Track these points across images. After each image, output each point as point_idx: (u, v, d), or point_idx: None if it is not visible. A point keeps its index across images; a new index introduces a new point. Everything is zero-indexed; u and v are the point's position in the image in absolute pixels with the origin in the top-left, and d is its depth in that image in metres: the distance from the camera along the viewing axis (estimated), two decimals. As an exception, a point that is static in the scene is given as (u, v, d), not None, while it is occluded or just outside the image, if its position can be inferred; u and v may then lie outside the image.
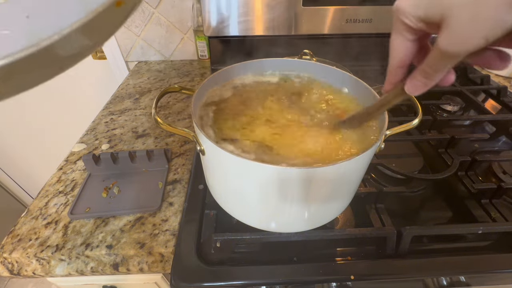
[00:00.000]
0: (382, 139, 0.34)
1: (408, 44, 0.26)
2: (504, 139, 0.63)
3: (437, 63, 0.24)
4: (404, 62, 0.27)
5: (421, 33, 0.25)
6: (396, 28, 0.25)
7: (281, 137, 0.38)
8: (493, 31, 0.19)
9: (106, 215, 0.48)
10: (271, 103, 0.44)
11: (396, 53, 0.27)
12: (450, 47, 0.21)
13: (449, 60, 0.23)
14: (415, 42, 0.26)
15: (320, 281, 0.40)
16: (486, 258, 0.41)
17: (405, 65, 0.28)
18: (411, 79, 0.27)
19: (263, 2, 0.75)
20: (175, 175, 0.55)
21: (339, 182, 0.34)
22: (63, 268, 0.43)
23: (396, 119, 0.63)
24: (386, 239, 0.41)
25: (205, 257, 0.41)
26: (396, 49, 0.27)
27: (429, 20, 0.22)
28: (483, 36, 0.20)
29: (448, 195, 0.51)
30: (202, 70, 0.95)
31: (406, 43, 0.26)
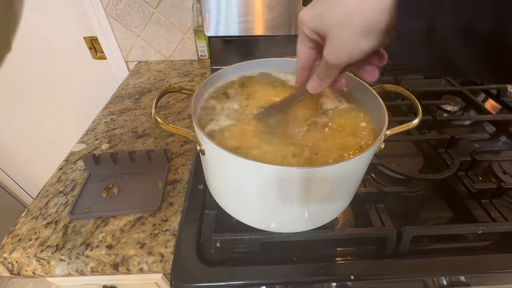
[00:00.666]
0: (382, 139, 0.34)
1: (309, 51, 0.31)
2: (504, 139, 0.63)
3: (325, 70, 0.29)
4: (306, 65, 0.32)
5: (318, 43, 0.29)
6: (300, 36, 0.30)
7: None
8: (354, 51, 0.25)
9: (106, 215, 0.48)
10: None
11: (300, 57, 0.32)
12: (329, 58, 0.27)
13: (332, 68, 0.28)
14: (314, 50, 0.31)
15: (320, 281, 0.40)
16: (486, 258, 0.41)
17: (307, 67, 0.33)
18: (310, 81, 0.32)
19: (263, 2, 0.75)
20: (175, 175, 0.55)
21: (339, 182, 0.34)
22: (63, 268, 0.43)
23: (396, 119, 0.63)
24: (386, 239, 0.41)
25: (205, 257, 0.41)
26: (300, 54, 0.32)
27: (319, 33, 0.27)
28: (348, 54, 0.25)
29: (448, 195, 0.51)
30: (202, 70, 0.95)
31: (307, 50, 0.31)
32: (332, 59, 0.27)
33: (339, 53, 0.26)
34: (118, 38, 0.96)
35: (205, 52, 0.93)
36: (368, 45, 0.24)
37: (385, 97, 0.62)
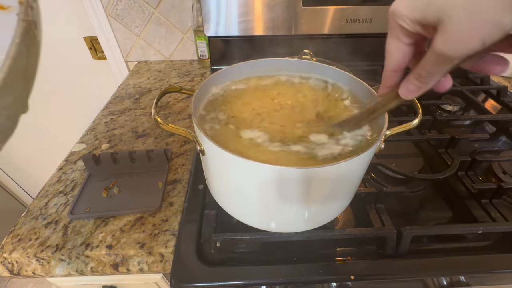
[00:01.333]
0: (382, 139, 0.34)
1: (404, 48, 0.25)
2: (504, 139, 0.63)
3: (432, 67, 0.23)
4: (400, 66, 0.27)
5: (418, 37, 0.24)
6: (392, 32, 0.25)
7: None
8: (490, 33, 0.19)
9: (106, 215, 0.48)
10: (270, 103, 0.44)
11: (392, 57, 0.26)
12: (446, 49, 0.21)
13: (444, 63, 0.22)
14: (411, 46, 0.25)
15: (320, 281, 0.40)
16: (486, 258, 0.41)
17: (401, 69, 0.27)
18: (405, 83, 0.26)
19: (263, 2, 0.75)
20: (175, 175, 0.55)
21: (339, 182, 0.34)
22: (63, 268, 0.43)
23: (396, 119, 0.63)
24: (386, 239, 0.41)
25: (205, 257, 0.41)
26: (392, 53, 0.26)
27: (426, 22, 0.22)
28: (480, 38, 0.19)
29: (448, 195, 0.51)
30: (202, 70, 0.95)
31: (402, 47, 0.25)
32: (452, 48, 0.20)
33: (464, 39, 0.20)
34: (118, 38, 0.96)
35: (205, 52, 0.93)
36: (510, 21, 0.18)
37: (385, 97, 0.62)
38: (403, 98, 0.27)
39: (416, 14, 0.22)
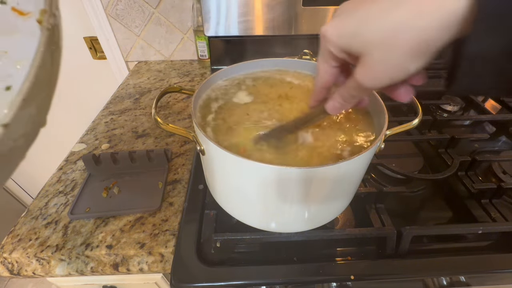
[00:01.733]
0: (382, 139, 0.34)
1: (332, 70, 0.28)
2: (504, 139, 0.63)
3: (352, 91, 0.26)
4: (327, 84, 0.29)
5: (344, 61, 0.26)
6: (321, 53, 0.27)
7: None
8: (398, 74, 0.22)
9: (106, 215, 0.48)
10: (270, 103, 0.44)
11: (321, 75, 0.29)
12: (364, 81, 0.24)
13: (364, 90, 0.25)
14: (338, 68, 0.28)
15: (320, 281, 0.40)
16: (486, 258, 0.41)
17: (328, 86, 0.30)
18: (331, 100, 0.29)
19: (263, 2, 0.75)
20: (175, 175, 0.55)
21: (339, 182, 0.34)
22: (63, 268, 0.43)
23: (396, 119, 0.63)
24: (386, 239, 0.41)
25: (205, 257, 0.41)
26: (321, 72, 0.29)
27: (350, 52, 0.24)
28: (390, 77, 0.22)
29: (448, 195, 0.51)
30: (202, 70, 0.95)
31: (330, 68, 0.28)
32: (367, 81, 0.23)
33: (377, 76, 0.22)
34: (118, 38, 0.96)
35: (205, 52, 0.93)
36: (416, 67, 0.21)
37: (385, 97, 0.62)
38: (330, 112, 0.30)
39: (342, 42, 0.24)
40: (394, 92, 0.26)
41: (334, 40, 0.24)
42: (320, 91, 0.31)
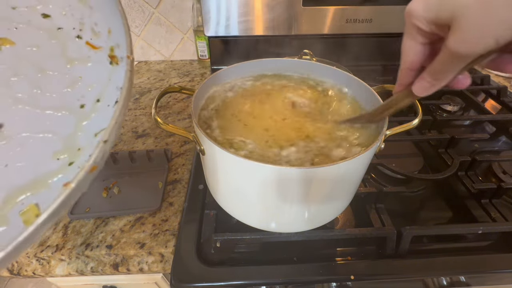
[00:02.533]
0: (382, 139, 0.34)
1: (420, 47, 0.26)
2: (504, 139, 0.63)
3: (445, 64, 0.23)
4: (415, 65, 0.27)
5: (434, 37, 0.25)
6: (408, 31, 0.25)
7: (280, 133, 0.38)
8: (503, 32, 0.19)
9: (106, 215, 0.48)
10: (271, 103, 0.44)
11: (407, 55, 0.27)
12: (460, 47, 0.21)
13: (458, 61, 0.22)
14: (426, 46, 0.26)
15: (320, 281, 0.40)
16: (486, 258, 0.41)
17: (416, 67, 0.27)
18: (419, 80, 0.26)
19: (263, 2, 0.75)
20: (175, 175, 0.55)
21: (339, 182, 0.34)
22: (63, 268, 0.43)
23: (396, 119, 0.63)
24: (386, 239, 0.41)
25: (205, 257, 0.41)
26: (407, 52, 0.27)
27: (440, 21, 0.22)
28: (493, 37, 0.19)
29: (448, 195, 0.51)
30: (202, 70, 0.95)
31: (418, 46, 0.26)
32: (464, 47, 0.21)
33: (479, 37, 0.20)
34: (118, 38, 0.96)
35: (205, 52, 0.93)
36: None
37: (385, 97, 0.62)
38: (417, 95, 0.28)
39: (430, 14, 0.22)
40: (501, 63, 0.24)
41: (421, 13, 0.23)
42: (406, 73, 0.28)
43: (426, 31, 0.24)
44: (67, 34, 0.26)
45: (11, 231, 0.20)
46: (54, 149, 0.23)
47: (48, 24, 0.26)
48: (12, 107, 0.23)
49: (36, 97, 0.24)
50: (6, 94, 0.23)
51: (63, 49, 0.26)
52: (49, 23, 0.26)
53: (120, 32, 0.24)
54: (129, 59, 0.25)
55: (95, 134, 0.24)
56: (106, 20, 0.26)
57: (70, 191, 0.18)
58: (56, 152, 0.23)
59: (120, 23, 0.24)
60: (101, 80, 0.26)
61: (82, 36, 0.27)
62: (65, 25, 0.26)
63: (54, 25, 0.26)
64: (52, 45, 0.26)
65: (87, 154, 0.23)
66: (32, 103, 0.24)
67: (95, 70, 0.26)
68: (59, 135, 0.23)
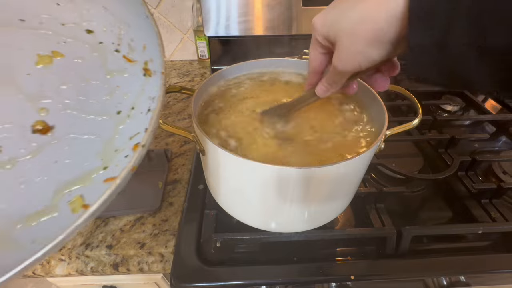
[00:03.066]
0: (382, 139, 0.34)
1: (321, 56, 0.31)
2: (504, 139, 0.63)
3: (334, 76, 0.29)
4: (317, 70, 0.33)
5: (329, 49, 0.29)
6: (312, 41, 0.30)
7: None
8: (363, 60, 0.24)
9: (106, 215, 0.48)
10: (270, 103, 0.44)
11: (311, 62, 0.32)
12: (337, 64, 0.27)
13: (340, 74, 0.28)
14: (326, 55, 0.31)
15: (320, 281, 0.40)
16: (486, 258, 0.41)
17: (318, 72, 0.33)
18: (319, 84, 0.32)
19: (263, 2, 0.75)
20: (175, 175, 0.55)
21: (339, 182, 0.34)
22: (63, 268, 0.43)
23: (396, 119, 0.63)
24: (386, 239, 0.41)
25: (205, 257, 0.41)
26: (311, 59, 0.32)
27: (329, 39, 0.27)
28: (357, 61, 0.25)
29: (448, 195, 0.51)
30: (202, 70, 0.95)
31: (318, 55, 0.31)
32: (340, 66, 0.27)
33: (347, 61, 0.26)
34: (118, 38, 0.96)
35: (205, 52, 0.93)
36: (377, 55, 0.24)
37: (385, 97, 0.62)
38: (319, 95, 0.33)
39: (324, 31, 0.27)
40: (371, 81, 0.31)
41: (318, 29, 0.28)
42: (312, 76, 0.34)
43: (323, 44, 0.29)
44: (107, 48, 0.30)
45: (61, 218, 0.24)
46: (96, 149, 0.27)
47: (91, 38, 0.30)
48: (62, 111, 0.27)
49: (81, 103, 0.28)
50: (57, 100, 0.26)
51: (103, 61, 0.30)
52: (92, 38, 0.29)
53: (155, 49, 0.28)
54: (163, 74, 0.28)
55: (130, 138, 0.27)
56: (141, 37, 0.29)
57: (115, 186, 0.22)
58: (98, 152, 0.26)
59: (155, 42, 0.27)
60: (136, 90, 0.29)
61: (120, 50, 0.30)
62: (105, 40, 0.30)
63: (96, 40, 0.30)
64: (94, 57, 0.29)
65: (123, 155, 0.26)
66: (78, 109, 0.27)
67: (130, 81, 0.30)
68: (100, 137, 0.27)
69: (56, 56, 0.29)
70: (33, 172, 0.24)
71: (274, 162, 0.30)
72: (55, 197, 0.24)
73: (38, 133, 0.25)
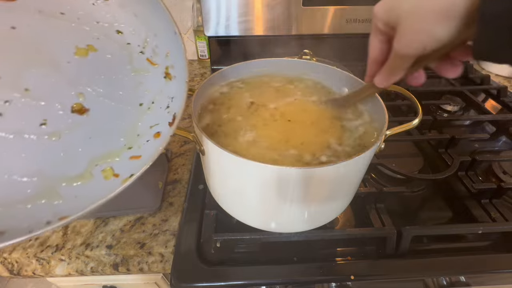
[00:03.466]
0: (382, 139, 0.34)
1: (381, 44, 0.29)
2: (504, 139, 0.63)
3: (394, 62, 0.28)
4: (378, 59, 0.31)
5: (390, 36, 0.27)
6: (372, 29, 0.29)
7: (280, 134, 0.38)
8: (427, 40, 0.23)
9: (106, 215, 0.48)
10: (271, 103, 0.44)
11: (372, 51, 0.31)
12: (399, 49, 0.25)
13: (402, 60, 0.26)
14: (387, 43, 0.29)
15: (320, 281, 0.40)
16: (486, 258, 0.41)
17: (379, 61, 0.31)
18: (379, 73, 0.31)
19: (263, 2, 0.75)
20: (175, 175, 0.55)
21: (339, 182, 0.34)
22: (63, 268, 0.43)
23: (396, 119, 0.63)
24: (386, 239, 0.41)
25: (205, 257, 0.41)
26: (372, 48, 0.30)
27: (390, 24, 0.26)
28: (421, 43, 0.23)
29: (448, 195, 0.51)
30: (202, 70, 0.95)
31: (379, 44, 0.29)
32: (402, 48, 0.25)
33: (410, 42, 0.24)
34: (118, 38, 0.96)
35: (205, 52, 0.93)
36: (444, 33, 0.21)
37: (385, 97, 0.62)
38: (378, 86, 0.32)
39: (385, 16, 0.26)
40: (440, 67, 0.28)
41: (379, 15, 0.27)
42: (372, 66, 0.32)
43: (384, 31, 0.27)
44: (133, 49, 0.34)
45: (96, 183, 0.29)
46: (122, 132, 0.32)
47: (120, 39, 0.34)
48: (95, 98, 0.31)
49: (111, 93, 0.32)
50: (92, 88, 0.31)
51: (130, 60, 0.34)
52: (121, 38, 0.33)
53: (179, 58, 0.32)
54: (187, 84, 0.32)
55: (150, 126, 0.32)
56: (166, 46, 0.34)
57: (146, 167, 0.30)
58: (124, 135, 0.32)
59: (181, 57, 0.32)
60: (156, 88, 0.34)
61: (144, 52, 0.34)
62: (133, 41, 0.34)
63: (125, 40, 0.34)
64: (122, 55, 0.33)
65: (145, 140, 0.32)
66: (108, 97, 0.32)
67: (152, 80, 0.34)
68: (126, 122, 0.32)
69: (91, 50, 0.32)
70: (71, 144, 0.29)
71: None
72: (90, 166, 0.30)
73: (76, 113, 0.30)
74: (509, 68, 0.86)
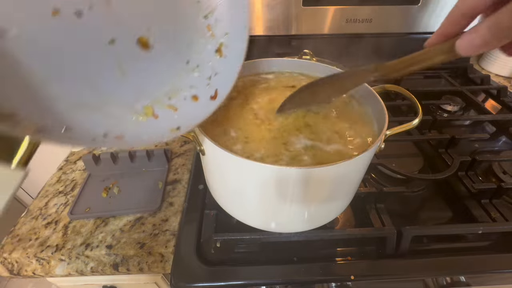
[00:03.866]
0: (382, 139, 0.34)
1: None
2: (504, 139, 0.63)
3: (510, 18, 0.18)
4: (475, 10, 0.21)
5: None
6: None
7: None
8: None
9: (106, 215, 0.48)
10: (271, 102, 0.44)
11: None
12: None
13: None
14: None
15: (320, 281, 0.40)
16: (486, 258, 0.41)
17: (474, 13, 0.21)
18: (470, 33, 0.21)
19: (263, 2, 0.75)
20: (175, 175, 0.55)
21: (339, 182, 0.34)
22: (63, 268, 0.43)
23: (396, 119, 0.63)
24: (386, 239, 0.41)
25: (205, 257, 0.41)
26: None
27: None
28: None
29: (448, 195, 0.51)
30: (202, 70, 0.95)
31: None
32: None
33: None
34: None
35: (205, 52, 0.92)
36: None
37: (385, 97, 0.62)
38: (459, 53, 0.22)
39: None
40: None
41: None
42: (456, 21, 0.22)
43: None
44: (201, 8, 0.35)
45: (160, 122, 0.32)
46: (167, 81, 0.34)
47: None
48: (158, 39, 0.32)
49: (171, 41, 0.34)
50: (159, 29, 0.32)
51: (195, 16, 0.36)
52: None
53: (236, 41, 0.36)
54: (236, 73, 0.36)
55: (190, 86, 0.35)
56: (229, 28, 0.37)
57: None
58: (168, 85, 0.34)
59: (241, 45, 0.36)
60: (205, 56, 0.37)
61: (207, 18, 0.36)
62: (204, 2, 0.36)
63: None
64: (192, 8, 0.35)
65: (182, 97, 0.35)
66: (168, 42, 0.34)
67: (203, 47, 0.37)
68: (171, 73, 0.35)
69: None
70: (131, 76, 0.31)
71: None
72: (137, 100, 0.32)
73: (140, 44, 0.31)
74: (509, 68, 0.86)
